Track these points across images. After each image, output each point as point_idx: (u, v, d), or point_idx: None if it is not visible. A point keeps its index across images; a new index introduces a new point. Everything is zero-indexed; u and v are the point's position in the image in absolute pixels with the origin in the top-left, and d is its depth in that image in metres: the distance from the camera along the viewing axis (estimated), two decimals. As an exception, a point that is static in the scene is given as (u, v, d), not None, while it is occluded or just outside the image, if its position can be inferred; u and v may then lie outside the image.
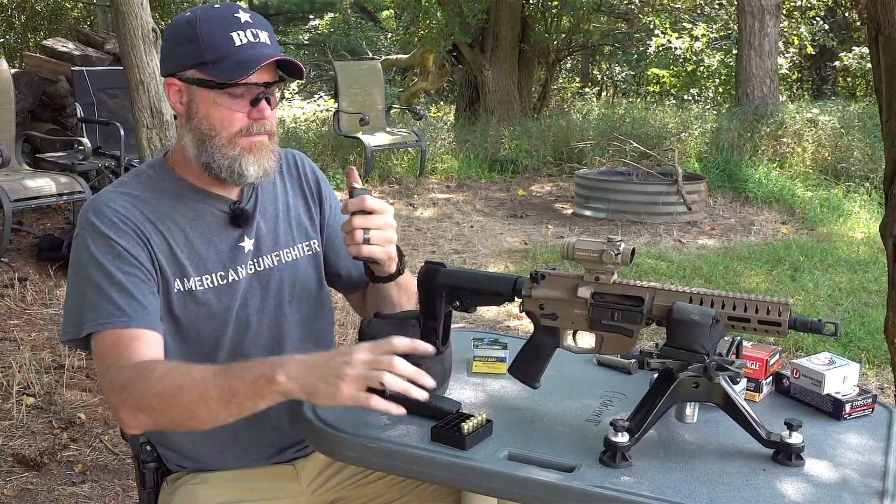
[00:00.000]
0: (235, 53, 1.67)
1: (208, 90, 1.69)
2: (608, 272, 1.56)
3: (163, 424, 1.59)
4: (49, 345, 4.59)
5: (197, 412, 1.51)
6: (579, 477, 1.38)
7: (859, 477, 1.43)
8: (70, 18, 16.57)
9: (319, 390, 1.43)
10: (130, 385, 1.55)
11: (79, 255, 1.70)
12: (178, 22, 1.73)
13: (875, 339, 4.74)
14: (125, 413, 1.56)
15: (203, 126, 1.71)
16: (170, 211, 1.76)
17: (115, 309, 1.64)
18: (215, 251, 1.78)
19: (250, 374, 1.48)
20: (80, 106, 7.21)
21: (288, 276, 1.87)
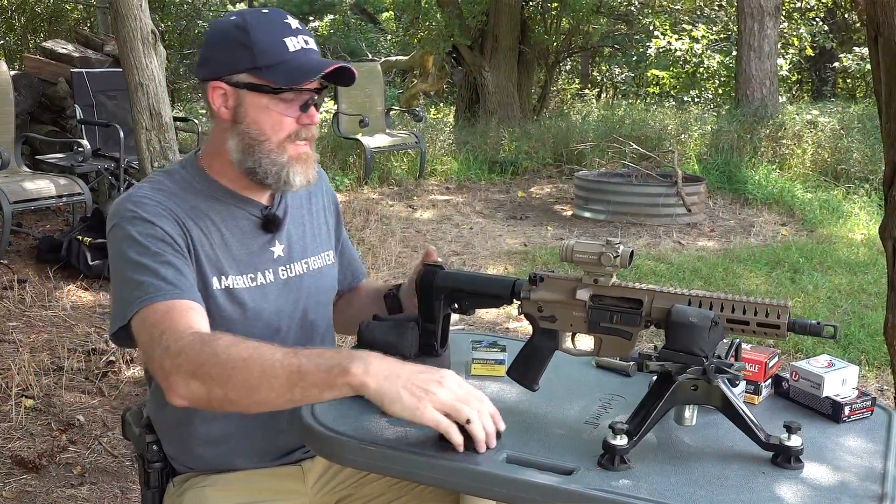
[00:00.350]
0: (290, 59, 1.69)
1: (260, 95, 1.70)
2: (607, 274, 1.55)
3: (215, 397, 1.49)
4: (48, 347, 4.59)
5: (257, 389, 1.45)
6: (578, 480, 1.38)
7: (858, 480, 1.42)
8: (70, 20, 16.58)
9: (401, 398, 1.39)
10: (189, 350, 1.50)
11: (118, 243, 1.68)
12: (225, 26, 1.73)
13: (875, 341, 4.74)
14: (178, 378, 1.49)
15: (252, 131, 1.72)
16: (207, 210, 1.77)
17: (164, 283, 1.61)
18: (248, 252, 1.80)
19: (325, 361, 1.42)
20: (80, 108, 7.21)
21: (315, 283, 1.90)
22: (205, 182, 1.80)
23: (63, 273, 5.70)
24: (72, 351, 4.51)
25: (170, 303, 1.60)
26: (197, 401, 1.51)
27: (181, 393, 1.50)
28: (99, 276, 5.59)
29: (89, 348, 4.56)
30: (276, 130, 1.72)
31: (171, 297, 1.60)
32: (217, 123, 1.77)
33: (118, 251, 1.68)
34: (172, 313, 1.59)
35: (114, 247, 1.69)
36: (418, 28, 15.15)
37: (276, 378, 1.44)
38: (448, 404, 1.40)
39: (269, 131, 1.72)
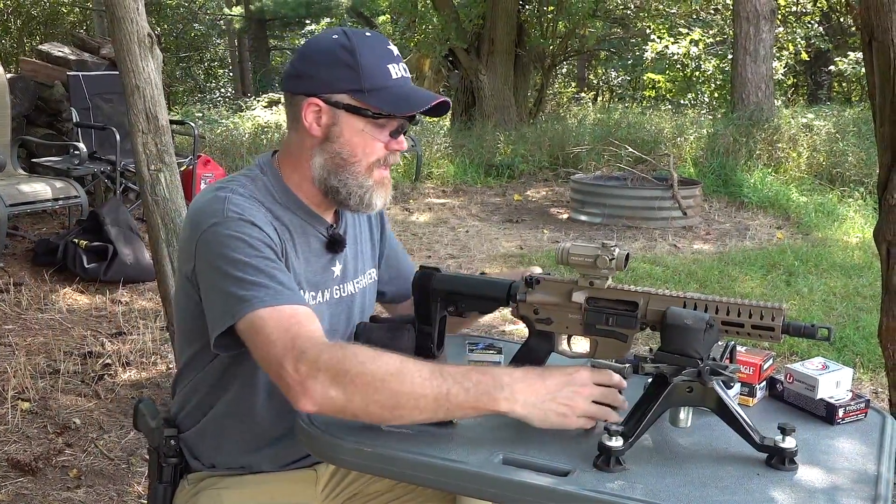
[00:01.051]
0: (393, 86, 1.70)
1: (358, 117, 1.70)
2: (603, 277, 1.56)
3: (354, 407, 1.47)
4: (44, 350, 4.58)
5: (403, 404, 1.45)
6: (573, 481, 1.38)
7: (852, 482, 1.43)
8: (66, 23, 16.58)
9: (548, 419, 1.49)
10: (331, 357, 1.48)
11: (226, 242, 1.63)
12: (329, 44, 1.71)
13: (869, 343, 4.75)
14: (316, 384, 1.46)
15: (343, 152, 1.73)
16: (286, 222, 1.76)
17: (284, 287, 1.60)
18: (312, 270, 1.80)
19: (474, 388, 1.46)
20: (76, 111, 7.22)
21: (361, 301, 1.93)
22: (283, 193, 1.79)
23: (59, 276, 5.70)
24: (68, 354, 4.50)
25: (295, 308, 1.58)
26: (332, 406, 1.49)
27: (316, 397, 1.47)
28: (95, 280, 5.59)
29: (85, 351, 4.56)
30: (367, 154, 1.73)
31: (293, 302, 1.59)
32: (303, 138, 1.75)
33: (222, 251, 1.63)
34: (300, 318, 1.57)
35: (216, 247, 1.64)
36: (415, 31, 15.17)
37: (423, 397, 1.46)
38: (591, 412, 1.51)
39: (360, 154, 1.73)
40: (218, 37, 21.48)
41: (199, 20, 19.87)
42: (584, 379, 1.51)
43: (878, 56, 3.27)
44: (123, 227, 5.85)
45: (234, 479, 1.86)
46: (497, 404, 1.46)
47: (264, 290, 1.57)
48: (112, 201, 6.26)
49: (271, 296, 1.57)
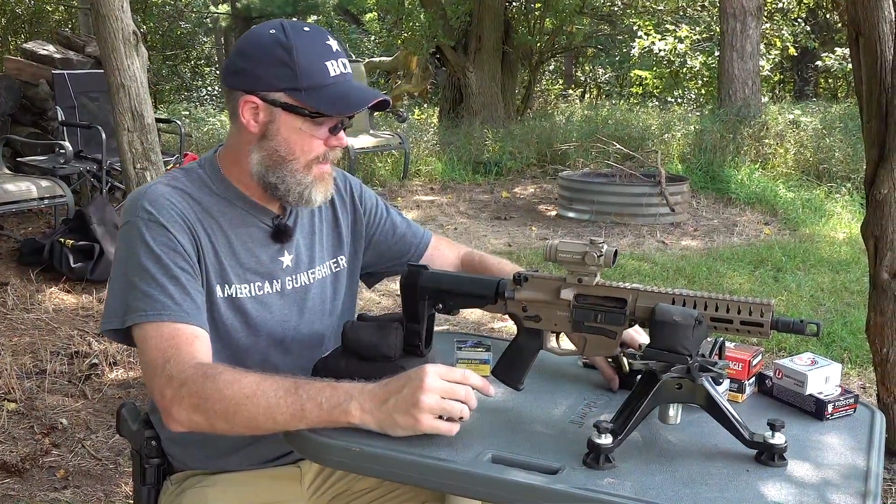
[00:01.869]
0: (331, 85, 1.69)
1: (295, 116, 1.69)
2: (591, 274, 1.56)
3: (218, 429, 1.55)
4: (30, 350, 4.56)
5: (261, 424, 1.51)
6: (563, 479, 1.38)
7: (842, 477, 1.43)
8: (51, 21, 16.50)
9: (397, 423, 1.45)
10: (193, 384, 1.53)
11: (131, 242, 1.67)
12: (266, 41, 1.69)
13: (857, 338, 4.76)
14: (180, 409, 1.53)
15: (281, 149, 1.72)
16: (217, 214, 1.76)
17: (172, 302, 1.62)
18: (256, 261, 1.80)
19: (326, 402, 1.47)
20: (61, 109, 7.18)
21: (320, 293, 1.90)
22: (222, 185, 1.79)
23: (45, 276, 5.66)
24: (54, 354, 4.48)
25: (176, 327, 1.61)
26: (198, 429, 1.56)
27: (181, 422, 1.55)
28: (81, 279, 5.56)
29: (72, 351, 4.54)
30: (305, 152, 1.72)
31: (178, 321, 1.61)
32: (241, 134, 1.75)
33: (128, 251, 1.67)
34: (178, 340, 1.60)
35: (125, 245, 1.69)
36: (402, 29, 15.15)
37: (280, 415, 1.49)
38: (438, 408, 1.44)
39: (298, 152, 1.72)
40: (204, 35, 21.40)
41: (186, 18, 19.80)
42: (423, 377, 1.45)
43: (865, 52, 3.28)
44: (110, 226, 5.82)
45: (218, 477, 1.85)
46: (349, 416, 1.46)
47: (151, 303, 1.62)
48: (98, 200, 6.23)
49: (156, 311, 1.61)
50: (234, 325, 1.77)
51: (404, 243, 2.08)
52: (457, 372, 1.48)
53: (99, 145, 6.70)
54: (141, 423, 1.93)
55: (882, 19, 3.21)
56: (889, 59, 3.20)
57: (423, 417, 1.43)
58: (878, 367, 3.43)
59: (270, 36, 1.68)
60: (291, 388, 1.50)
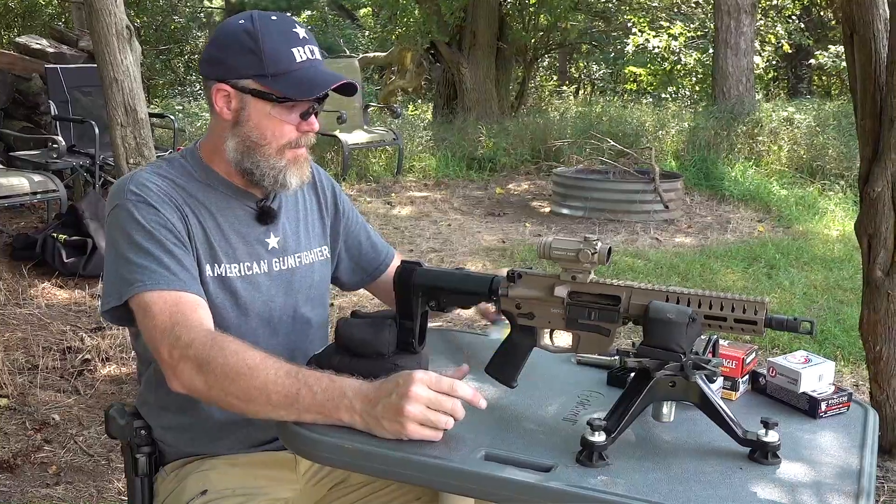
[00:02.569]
0: (297, 70, 1.73)
1: (264, 102, 1.74)
2: (585, 271, 1.55)
3: (214, 395, 1.58)
4: (22, 345, 4.54)
5: (255, 399, 1.53)
6: (556, 477, 1.38)
7: (835, 475, 1.43)
8: (44, 15, 16.45)
9: (385, 428, 1.45)
10: (200, 345, 1.57)
11: (121, 224, 1.72)
12: (234, 29, 1.75)
13: (850, 336, 4.77)
14: (186, 366, 1.57)
15: (253, 135, 1.77)
16: (202, 199, 1.81)
17: (169, 272, 1.67)
18: (244, 242, 1.84)
19: (321, 393, 1.49)
20: (54, 104, 7.15)
21: (307, 277, 1.94)
22: (204, 172, 1.84)
23: (38, 271, 5.65)
24: (47, 349, 4.47)
25: (178, 294, 1.66)
26: (196, 392, 1.60)
27: (184, 381, 1.58)
28: (74, 274, 5.54)
29: (64, 346, 4.53)
30: (276, 136, 1.78)
31: (178, 288, 1.67)
32: (217, 121, 1.81)
33: (120, 231, 1.72)
34: (182, 306, 1.65)
35: (115, 226, 1.73)
36: (396, 24, 15.12)
37: (275, 394, 1.51)
38: (423, 418, 1.44)
39: (269, 137, 1.77)
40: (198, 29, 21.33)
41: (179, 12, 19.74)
42: (410, 385, 1.44)
43: (860, 50, 3.28)
44: (103, 221, 5.78)
45: (217, 461, 1.87)
46: (339, 413, 1.48)
47: (150, 274, 1.66)
48: (91, 195, 6.21)
49: (155, 280, 1.66)
50: (224, 304, 1.81)
51: (375, 252, 2.14)
52: (445, 382, 1.47)
53: (92, 140, 6.68)
54: (129, 417, 1.93)
55: (877, 17, 3.21)
56: (883, 57, 3.20)
57: (408, 425, 1.43)
58: (871, 365, 3.43)
59: (239, 25, 1.75)
60: (292, 372, 1.53)
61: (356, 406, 1.47)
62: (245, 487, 1.83)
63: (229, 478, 1.84)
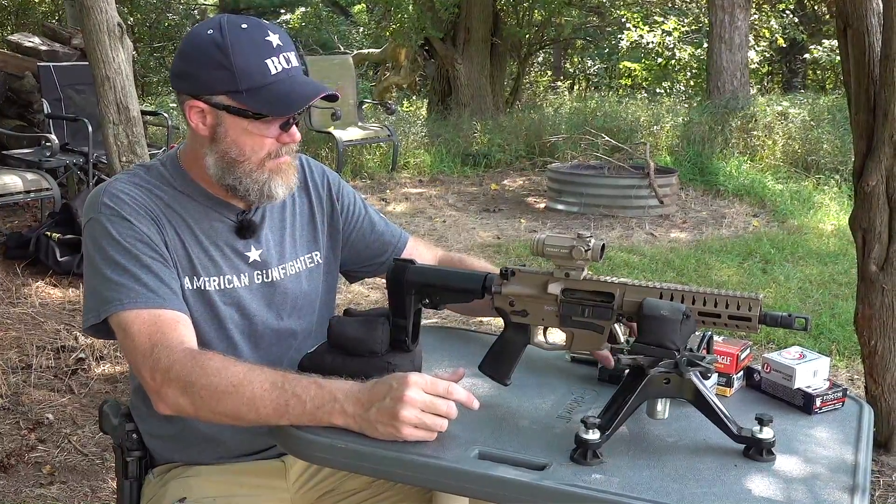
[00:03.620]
0: (272, 84, 1.65)
1: (240, 118, 1.67)
2: (578, 268, 1.55)
3: (201, 415, 1.57)
4: (16, 344, 4.53)
5: (244, 416, 1.52)
6: (550, 475, 1.37)
7: (830, 471, 1.43)
8: (37, 13, 16.41)
9: (379, 431, 1.44)
10: (181, 367, 1.54)
11: (96, 239, 1.67)
12: (202, 42, 1.66)
13: (845, 330, 4.77)
14: (170, 390, 1.54)
15: (231, 151, 1.70)
16: (180, 209, 1.75)
17: (146, 289, 1.63)
18: (222, 255, 1.78)
19: (311, 402, 1.48)
20: (47, 102, 7.13)
21: (292, 288, 1.87)
22: (183, 181, 1.78)
23: (31, 270, 5.63)
24: (41, 348, 4.46)
25: (157, 312, 1.62)
26: (184, 413, 1.58)
27: (170, 405, 1.57)
28: (68, 273, 5.53)
29: (58, 345, 4.52)
30: (256, 151, 1.71)
31: (156, 306, 1.62)
32: (195, 136, 1.74)
33: (95, 246, 1.67)
34: (161, 325, 1.61)
35: (91, 241, 1.69)
36: (390, 21, 15.10)
37: (263, 409, 1.50)
38: (418, 422, 1.44)
39: (248, 152, 1.70)
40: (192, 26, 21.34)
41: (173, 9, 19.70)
42: (405, 388, 1.43)
43: (853, 44, 3.27)
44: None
45: (201, 468, 1.85)
46: (332, 417, 1.47)
47: (126, 292, 1.62)
48: (85, 193, 6.19)
49: (132, 298, 1.62)
50: (203, 318, 1.76)
51: (382, 242, 2.06)
52: (441, 385, 1.47)
53: (86, 138, 6.66)
54: (122, 418, 1.92)
55: (870, 11, 3.20)
56: (877, 51, 3.20)
57: (403, 428, 1.43)
58: (867, 360, 3.43)
59: (208, 37, 1.66)
60: (278, 382, 1.50)
61: (348, 409, 1.46)
62: (227, 496, 1.80)
63: (211, 485, 1.81)
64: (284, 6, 19.86)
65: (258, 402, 1.50)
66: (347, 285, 5.59)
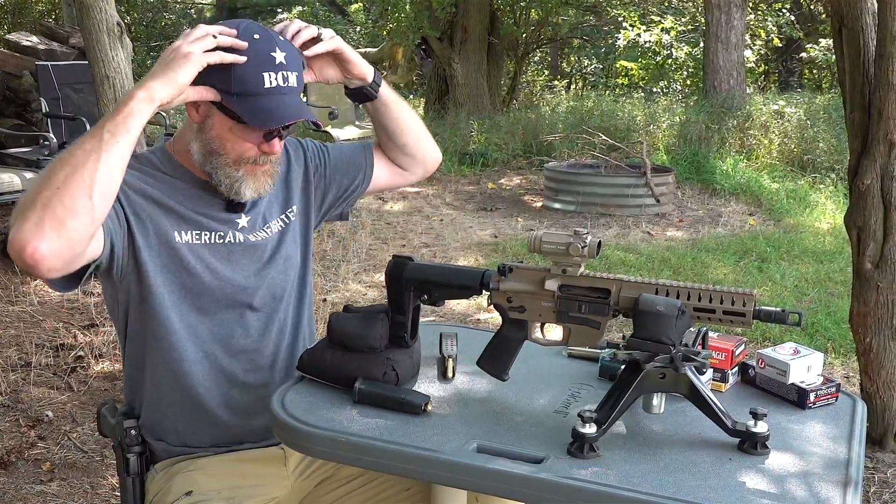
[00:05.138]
0: (262, 95, 1.70)
1: (226, 116, 1.73)
2: (575, 265, 1.56)
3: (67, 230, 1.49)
4: (15, 342, 4.54)
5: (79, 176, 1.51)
6: (547, 468, 1.39)
7: (823, 465, 1.44)
8: (34, 12, 16.40)
9: (175, 69, 1.61)
10: (24, 200, 1.52)
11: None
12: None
13: (841, 328, 4.79)
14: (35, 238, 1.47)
15: (214, 143, 1.77)
16: (169, 189, 1.81)
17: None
18: (210, 218, 1.84)
19: (114, 107, 1.62)
20: (45, 101, 7.13)
21: (274, 245, 1.93)
22: (172, 167, 1.84)
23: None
24: (39, 346, 4.47)
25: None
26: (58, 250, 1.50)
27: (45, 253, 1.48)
28: (66, 271, 5.53)
29: (57, 343, 4.53)
30: (235, 150, 1.77)
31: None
32: (188, 121, 1.81)
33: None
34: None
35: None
36: (387, 20, 15.10)
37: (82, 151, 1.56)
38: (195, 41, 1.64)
39: (228, 149, 1.77)
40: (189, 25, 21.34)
41: (170, 9, 19.71)
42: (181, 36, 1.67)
43: (849, 43, 3.29)
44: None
45: (206, 461, 1.88)
46: (133, 99, 1.59)
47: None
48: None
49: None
50: (196, 269, 1.80)
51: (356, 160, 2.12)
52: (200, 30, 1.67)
53: (83, 137, 6.65)
54: (120, 416, 1.94)
55: (865, 10, 3.22)
56: (872, 51, 3.21)
57: (189, 50, 1.62)
58: (862, 357, 3.45)
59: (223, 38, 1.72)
60: (93, 131, 1.60)
61: (145, 83, 1.60)
62: (232, 488, 1.84)
63: (216, 478, 1.85)
64: (281, 5, 19.88)
65: (76, 152, 1.56)
66: (344, 282, 5.61)
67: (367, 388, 1.60)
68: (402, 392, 1.61)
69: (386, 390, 1.61)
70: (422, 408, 1.56)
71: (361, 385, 1.60)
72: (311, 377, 1.69)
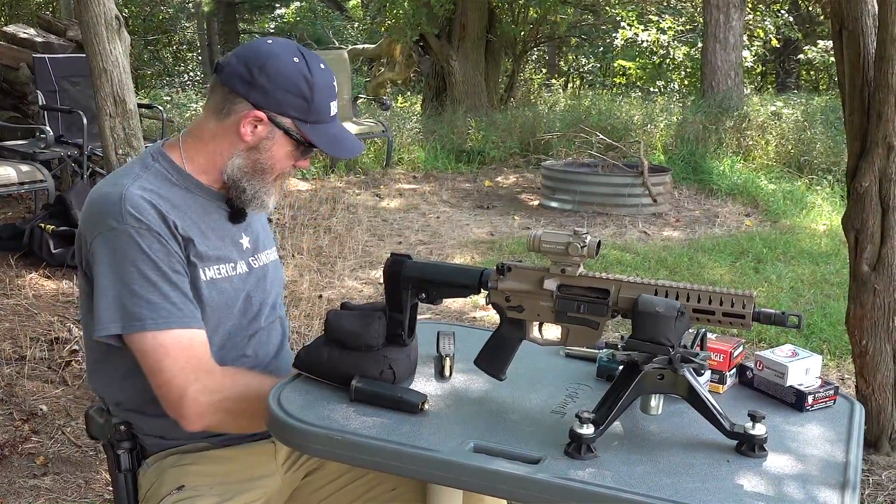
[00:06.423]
0: (329, 124, 1.84)
1: (290, 141, 1.82)
2: (574, 264, 1.56)
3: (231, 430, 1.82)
4: (10, 336, 4.53)
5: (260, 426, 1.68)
6: (544, 468, 1.38)
7: (821, 468, 1.44)
8: (32, 5, 16.37)
9: None
10: (230, 392, 1.74)
11: (124, 250, 1.71)
12: (290, 69, 1.78)
13: (837, 330, 4.80)
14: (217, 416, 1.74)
15: (265, 164, 1.83)
16: (184, 207, 1.82)
17: (175, 308, 1.71)
18: (223, 244, 1.88)
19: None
20: (42, 94, 7.11)
21: (272, 273, 2.00)
22: (179, 175, 1.85)
23: (25, 261, 5.62)
24: (34, 340, 4.45)
25: (189, 333, 1.73)
26: (215, 429, 1.80)
27: (206, 425, 1.75)
28: (62, 265, 5.52)
29: (52, 337, 4.51)
30: (281, 168, 1.86)
31: (185, 326, 1.72)
32: (228, 135, 1.82)
33: (123, 257, 1.71)
34: (195, 348, 1.73)
35: (114, 252, 1.71)
36: (385, 16, 15.08)
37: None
38: None
39: (277, 168, 1.85)
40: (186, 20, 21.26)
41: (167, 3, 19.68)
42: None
43: (849, 45, 3.29)
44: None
45: (197, 455, 1.89)
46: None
47: (157, 310, 1.70)
48: (79, 185, 6.19)
49: (164, 318, 1.70)
50: (218, 304, 1.84)
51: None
52: None
53: (80, 130, 6.65)
54: (108, 415, 1.93)
55: (865, 12, 3.22)
56: (872, 53, 3.21)
57: None
58: (858, 359, 3.45)
59: (294, 66, 1.79)
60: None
61: None
62: (224, 483, 1.85)
63: (208, 473, 1.87)
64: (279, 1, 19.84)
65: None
66: (340, 279, 5.60)
67: (364, 386, 1.60)
68: (399, 391, 1.60)
69: (383, 389, 1.60)
70: (419, 407, 1.56)
71: (358, 383, 1.60)
72: (308, 374, 1.69)
